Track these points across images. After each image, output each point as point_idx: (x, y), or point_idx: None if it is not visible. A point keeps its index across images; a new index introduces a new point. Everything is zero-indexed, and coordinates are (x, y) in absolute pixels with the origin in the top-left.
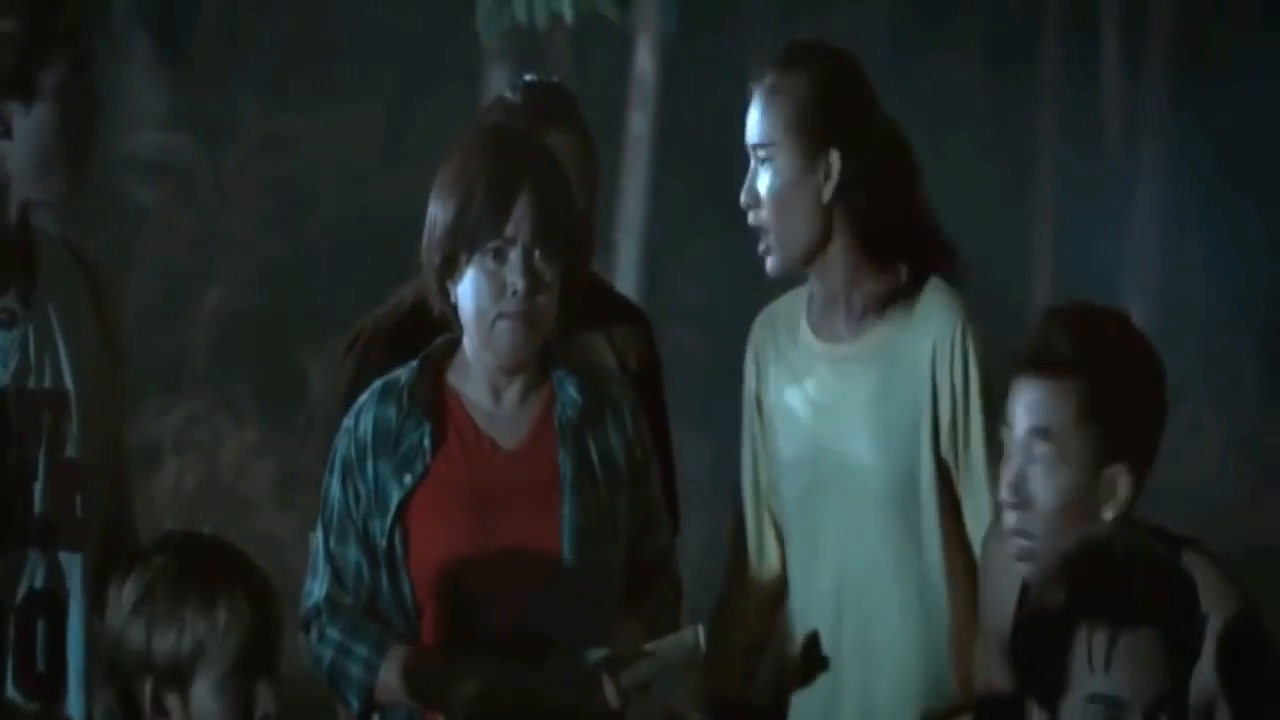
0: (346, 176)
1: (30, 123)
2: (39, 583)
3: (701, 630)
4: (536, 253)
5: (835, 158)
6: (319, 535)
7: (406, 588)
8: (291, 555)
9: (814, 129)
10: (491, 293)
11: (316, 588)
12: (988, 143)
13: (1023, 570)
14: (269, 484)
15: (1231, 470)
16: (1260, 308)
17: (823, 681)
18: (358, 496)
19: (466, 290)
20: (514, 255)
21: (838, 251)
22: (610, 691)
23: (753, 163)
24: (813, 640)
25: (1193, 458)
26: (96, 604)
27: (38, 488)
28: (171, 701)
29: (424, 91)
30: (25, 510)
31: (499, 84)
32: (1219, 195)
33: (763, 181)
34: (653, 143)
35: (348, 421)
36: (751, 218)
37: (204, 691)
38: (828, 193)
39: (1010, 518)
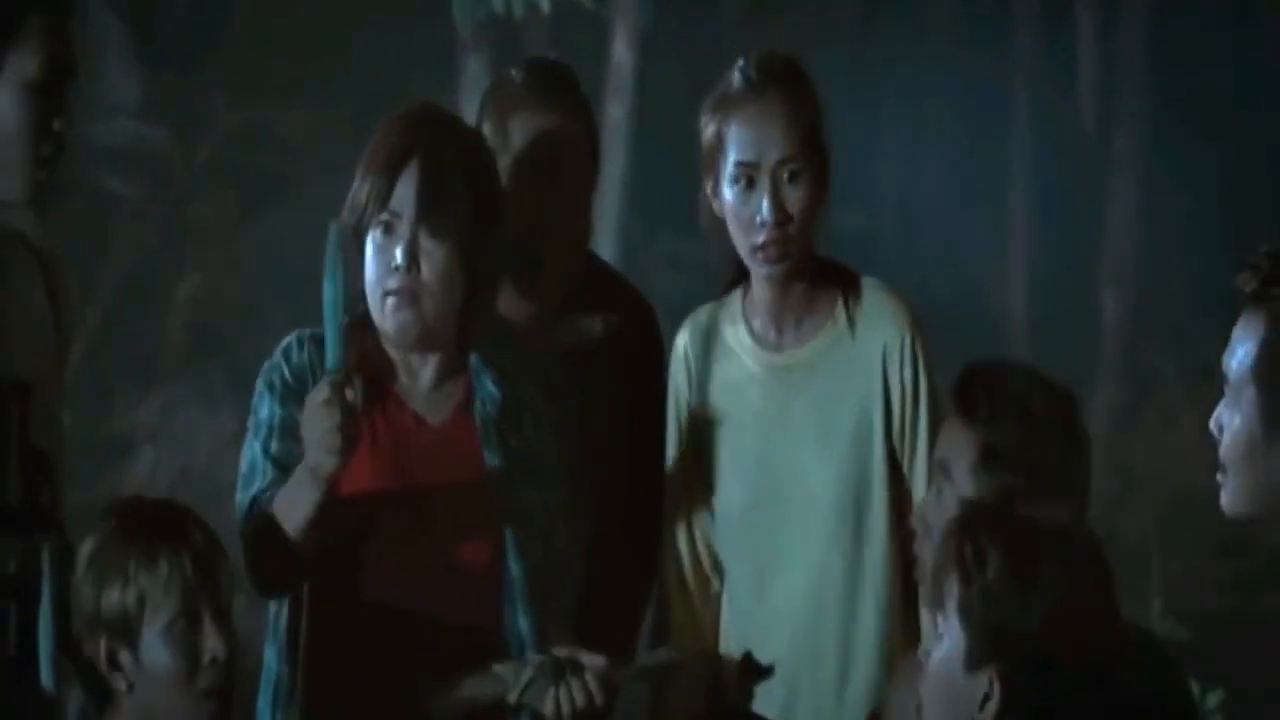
0: (320, 166)
1: None
2: (10, 568)
3: (676, 653)
4: (423, 229)
5: (828, 173)
6: (253, 450)
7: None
8: None
9: (821, 144)
10: (380, 267)
11: (257, 483)
12: (960, 134)
13: None
14: None
15: (1206, 460)
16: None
17: (778, 687)
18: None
19: (367, 264)
20: (400, 229)
21: (809, 262)
22: (596, 688)
23: (768, 179)
24: (748, 657)
25: (1168, 448)
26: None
27: (8, 475)
28: (123, 657)
29: (399, 81)
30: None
31: (475, 74)
32: (1194, 185)
33: (792, 196)
34: (630, 132)
35: (277, 358)
36: (778, 233)
37: (152, 639)
38: (824, 207)
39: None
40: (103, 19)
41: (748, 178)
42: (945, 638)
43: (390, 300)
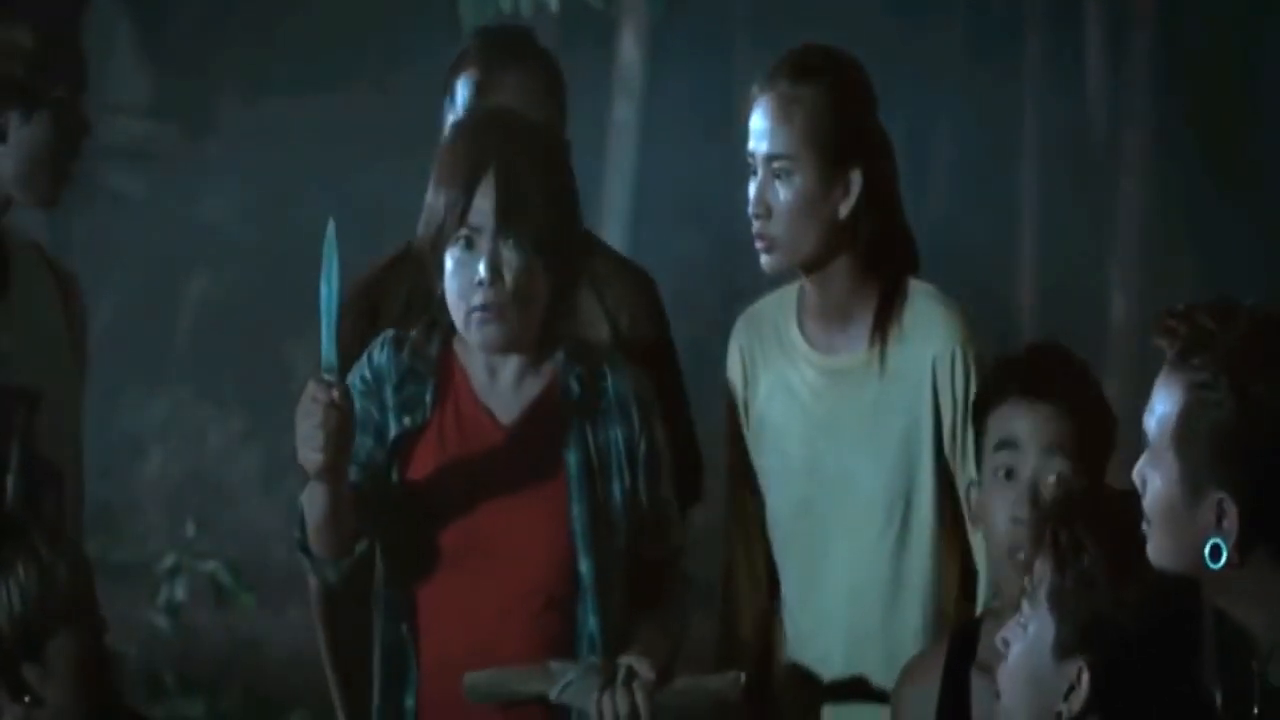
0: (328, 164)
1: (25, 133)
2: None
3: (743, 678)
4: (504, 242)
5: (856, 178)
6: None
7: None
8: (275, 544)
9: (834, 145)
10: (463, 282)
11: None
12: (970, 137)
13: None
14: (253, 473)
15: None
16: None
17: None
18: (382, 408)
19: (448, 279)
20: (482, 243)
21: (841, 265)
22: (642, 699)
23: (760, 172)
24: (814, 683)
25: None
26: None
27: (10, 482)
28: (30, 671)
29: (406, 79)
30: None
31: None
32: (1203, 189)
33: (776, 193)
34: (638, 131)
35: (363, 357)
36: (758, 226)
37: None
38: (845, 210)
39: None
40: (112, 18)
41: (753, 167)
42: (1031, 626)
43: (476, 315)
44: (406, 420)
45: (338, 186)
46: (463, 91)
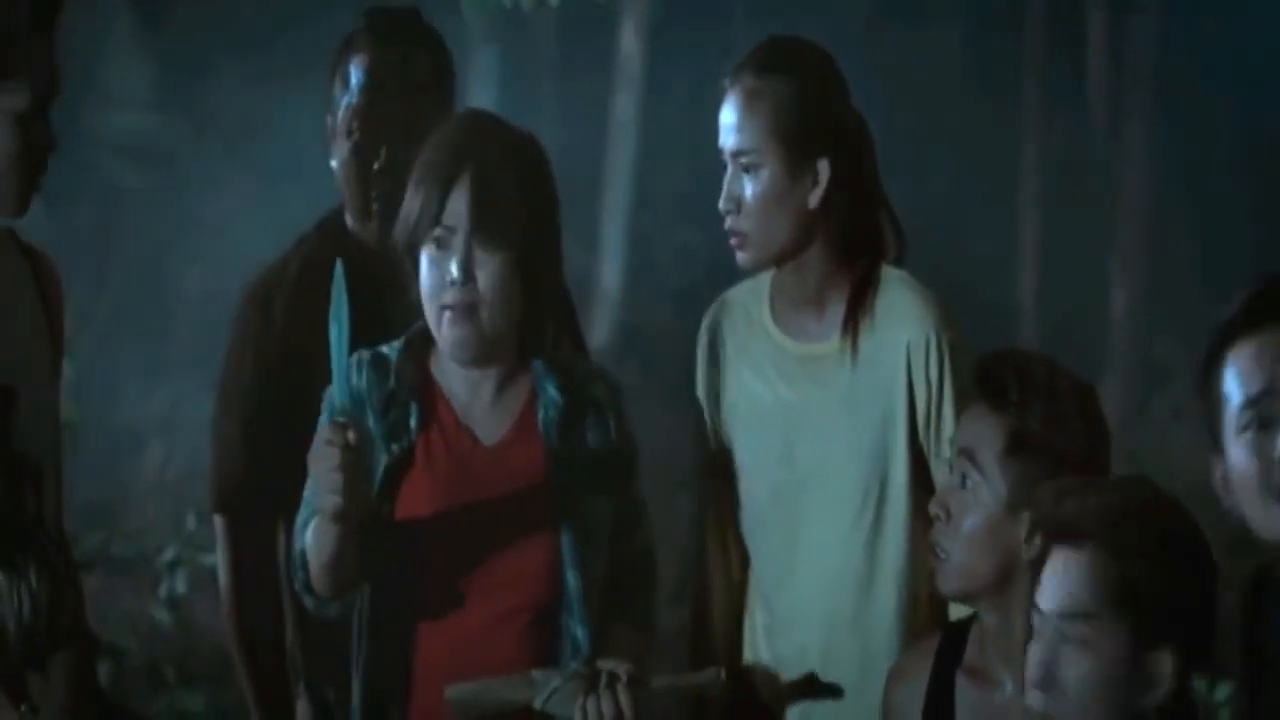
0: (328, 159)
1: None
2: None
3: (724, 673)
4: (477, 241)
5: (824, 167)
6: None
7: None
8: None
9: (800, 137)
10: (434, 281)
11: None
12: (971, 131)
13: None
14: None
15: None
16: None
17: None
18: (367, 436)
19: (422, 279)
20: (454, 243)
21: (815, 254)
22: (626, 701)
23: (730, 167)
24: (811, 677)
25: (1177, 440)
26: None
27: None
28: (32, 680)
29: None
30: None
31: (484, 67)
32: (1205, 183)
33: (745, 188)
34: (638, 126)
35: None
36: (729, 222)
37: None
38: (814, 200)
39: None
40: (112, 12)
41: (724, 163)
42: (1093, 647)
43: (447, 314)
44: (395, 447)
45: (336, 181)
46: (355, 76)
